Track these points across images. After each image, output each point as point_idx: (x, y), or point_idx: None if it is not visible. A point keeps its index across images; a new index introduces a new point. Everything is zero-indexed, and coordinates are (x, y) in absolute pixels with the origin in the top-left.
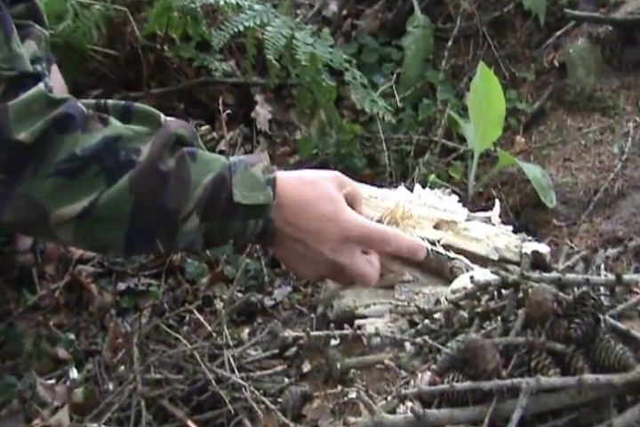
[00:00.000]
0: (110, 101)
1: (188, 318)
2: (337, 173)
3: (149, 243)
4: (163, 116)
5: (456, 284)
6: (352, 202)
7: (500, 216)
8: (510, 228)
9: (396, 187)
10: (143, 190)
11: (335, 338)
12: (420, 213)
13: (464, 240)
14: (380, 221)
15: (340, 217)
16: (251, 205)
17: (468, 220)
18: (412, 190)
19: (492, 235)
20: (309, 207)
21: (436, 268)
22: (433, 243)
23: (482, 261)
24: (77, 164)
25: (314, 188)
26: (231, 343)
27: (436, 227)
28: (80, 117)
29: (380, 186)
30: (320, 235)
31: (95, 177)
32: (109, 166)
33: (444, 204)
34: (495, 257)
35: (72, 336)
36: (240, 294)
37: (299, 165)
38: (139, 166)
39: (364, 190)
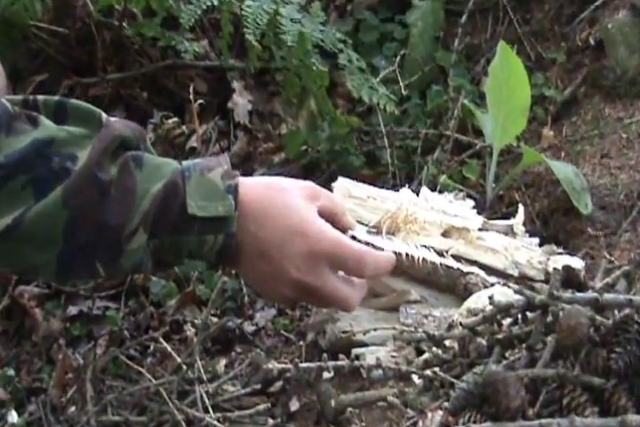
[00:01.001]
0: (41, 97)
1: (152, 347)
2: (310, 183)
3: (87, 265)
4: (104, 115)
5: (472, 301)
6: (331, 216)
7: (524, 224)
8: (535, 240)
9: (399, 189)
10: (79, 204)
11: (328, 370)
12: (425, 217)
13: (477, 251)
14: (377, 226)
15: (309, 229)
16: (208, 217)
17: (482, 229)
18: (417, 193)
19: (511, 247)
20: (275, 216)
21: (447, 284)
22: (441, 253)
23: (498, 275)
24: (0, 173)
25: (281, 195)
26: (204, 377)
27: (445, 234)
28: (4, 117)
29: (381, 188)
30: (284, 249)
31: (22, 189)
32: (39, 176)
33: (454, 208)
34: (514, 272)
35: (11, 372)
36: (215, 319)
37: (284, 165)
38: (74, 176)
39: (361, 190)
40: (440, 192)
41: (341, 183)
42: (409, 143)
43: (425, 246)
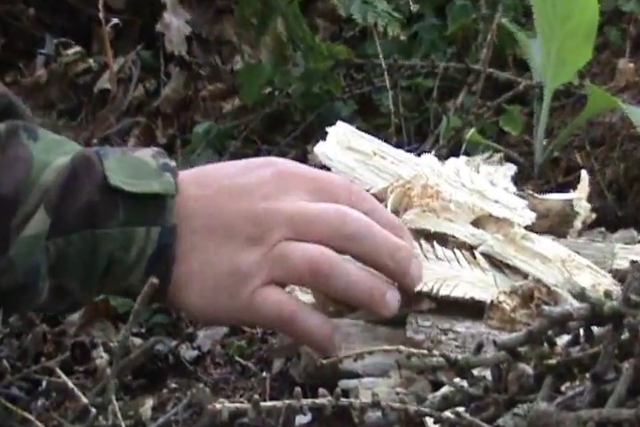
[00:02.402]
0: None
1: (45, 383)
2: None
3: None
4: None
5: None
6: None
7: (589, 200)
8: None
9: (410, 150)
10: None
11: (304, 412)
12: (453, 195)
13: (520, 254)
14: (379, 195)
15: (274, 159)
16: (139, 194)
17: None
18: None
19: (571, 263)
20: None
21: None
22: (468, 247)
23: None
24: None
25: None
26: (123, 425)
27: (477, 224)
28: None
29: None
30: (236, 182)
31: None
32: None
33: (498, 194)
34: (570, 291)
35: None
36: (138, 340)
37: (240, 115)
38: None
39: (366, 143)
40: (466, 154)
41: (339, 129)
42: (421, 83)
43: (447, 235)
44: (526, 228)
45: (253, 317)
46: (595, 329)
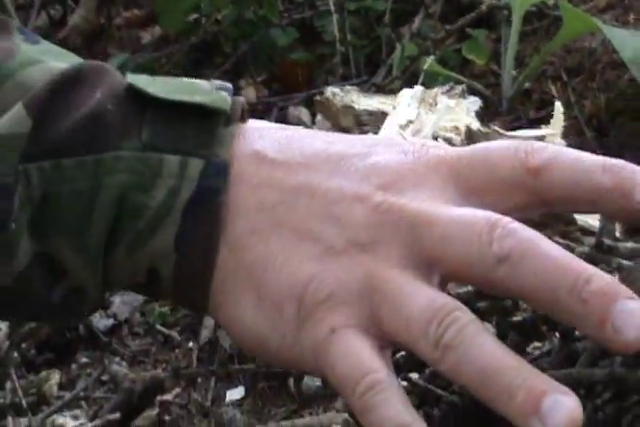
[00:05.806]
0: None
1: None
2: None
3: None
4: None
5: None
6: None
7: (564, 136)
8: None
9: (359, 83)
10: None
11: (235, 384)
12: None
13: None
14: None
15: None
16: (178, 104)
17: None
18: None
19: None
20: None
21: None
22: None
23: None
24: None
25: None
26: (24, 403)
27: None
28: None
29: (325, 83)
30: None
31: None
32: None
33: None
34: None
35: None
36: None
37: (161, 46)
38: None
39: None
40: (424, 85)
41: None
42: (371, 6)
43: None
44: None
45: (312, 365)
46: None
